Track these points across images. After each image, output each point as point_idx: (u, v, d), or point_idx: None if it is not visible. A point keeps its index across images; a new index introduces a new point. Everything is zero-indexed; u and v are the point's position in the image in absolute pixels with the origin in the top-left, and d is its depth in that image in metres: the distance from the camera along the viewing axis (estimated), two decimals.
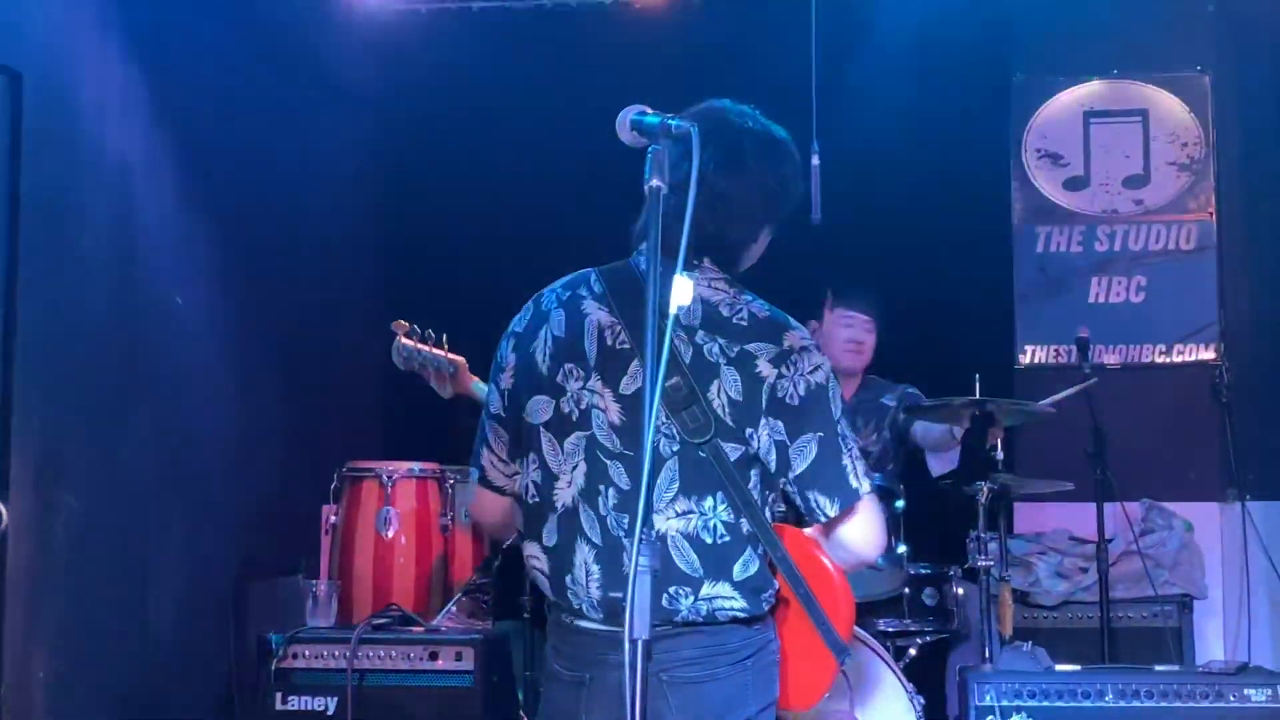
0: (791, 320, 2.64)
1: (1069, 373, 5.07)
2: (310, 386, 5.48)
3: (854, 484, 2.59)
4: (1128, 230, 5.79)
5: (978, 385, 4.57)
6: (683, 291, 2.16)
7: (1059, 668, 4.20)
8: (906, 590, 4.37)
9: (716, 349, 2.54)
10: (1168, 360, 5.71)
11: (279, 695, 4.35)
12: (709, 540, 2.52)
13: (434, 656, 4.32)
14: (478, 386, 3.62)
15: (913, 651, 4.47)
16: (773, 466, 2.56)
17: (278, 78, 5.27)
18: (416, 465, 4.86)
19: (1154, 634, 5.03)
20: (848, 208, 5.25)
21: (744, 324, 2.58)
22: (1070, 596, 5.10)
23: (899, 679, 4.00)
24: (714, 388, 2.52)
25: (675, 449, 2.52)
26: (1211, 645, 5.36)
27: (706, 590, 2.52)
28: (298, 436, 5.31)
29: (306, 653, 4.39)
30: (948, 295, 5.66)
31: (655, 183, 2.25)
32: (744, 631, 2.56)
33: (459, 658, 4.30)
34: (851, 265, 5.69)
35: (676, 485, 2.52)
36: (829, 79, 5.24)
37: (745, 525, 2.54)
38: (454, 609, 4.60)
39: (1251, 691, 3.92)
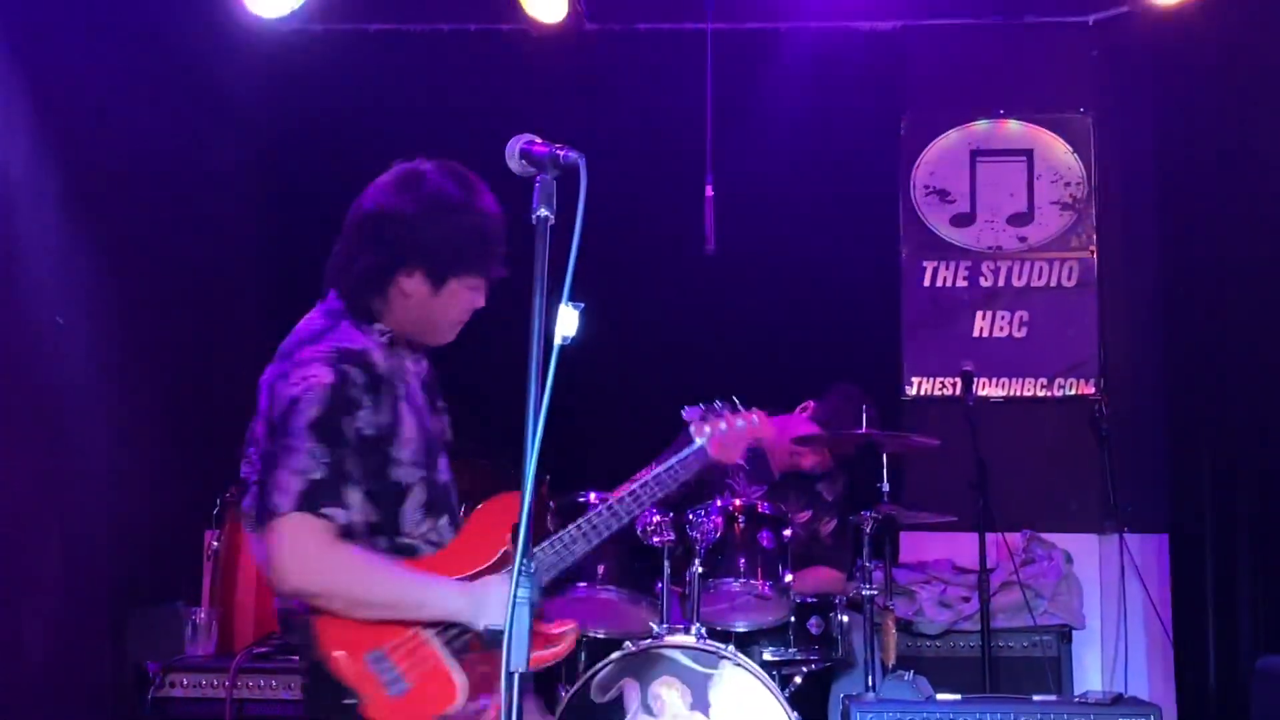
0: (316, 334, 2.71)
1: (954, 404, 5.14)
2: (193, 409, 5.37)
3: (275, 499, 2.57)
4: (1012, 266, 5.91)
5: (864, 416, 4.64)
6: (568, 322, 2.17)
7: (940, 697, 4.24)
8: (792, 619, 4.39)
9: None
10: (1049, 394, 5.82)
11: None
12: None
13: None
14: None
15: (798, 680, 4.49)
16: None
17: (166, 94, 5.18)
18: None
19: (1033, 663, 5.12)
20: (740, 239, 5.32)
21: (290, 349, 2.70)
22: (953, 626, 5.16)
23: (783, 707, 4.01)
24: None
25: None
26: (1089, 675, 5.46)
27: None
28: (180, 460, 5.20)
29: (185, 681, 4.33)
30: (837, 327, 5.73)
31: (543, 212, 2.26)
32: None
33: None
34: (743, 296, 5.76)
35: None
36: (724, 113, 5.30)
37: None
38: None
39: None
